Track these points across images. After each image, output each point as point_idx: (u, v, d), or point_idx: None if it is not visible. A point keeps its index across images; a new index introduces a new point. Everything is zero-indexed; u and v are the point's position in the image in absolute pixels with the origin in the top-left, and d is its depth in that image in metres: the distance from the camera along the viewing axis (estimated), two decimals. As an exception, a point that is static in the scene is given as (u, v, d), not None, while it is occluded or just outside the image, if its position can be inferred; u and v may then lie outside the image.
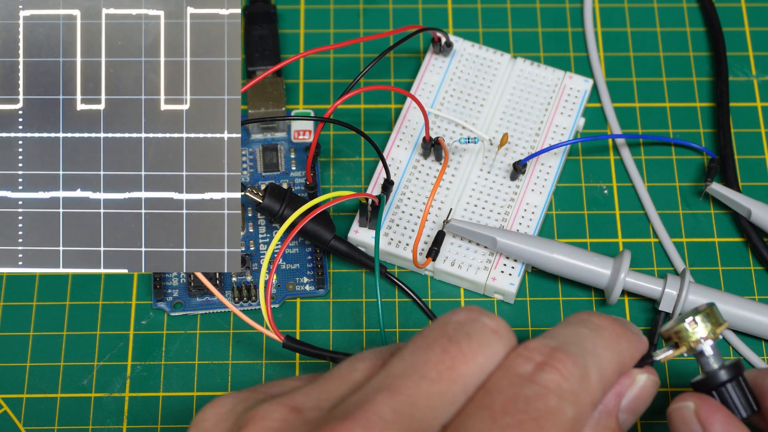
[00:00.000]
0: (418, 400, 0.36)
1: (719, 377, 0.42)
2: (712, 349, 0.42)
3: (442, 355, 0.37)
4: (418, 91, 0.55)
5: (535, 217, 0.52)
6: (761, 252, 0.53)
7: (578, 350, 0.38)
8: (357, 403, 0.36)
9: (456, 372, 0.37)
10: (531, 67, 0.56)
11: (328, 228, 0.51)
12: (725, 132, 0.56)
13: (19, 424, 0.49)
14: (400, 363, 0.37)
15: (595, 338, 0.39)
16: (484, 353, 0.37)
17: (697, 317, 0.42)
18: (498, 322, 0.38)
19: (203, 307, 0.51)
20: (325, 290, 0.52)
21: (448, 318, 0.38)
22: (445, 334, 0.38)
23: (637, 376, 0.40)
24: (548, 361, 0.37)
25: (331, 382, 0.38)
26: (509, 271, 0.51)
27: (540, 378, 0.37)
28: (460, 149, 0.54)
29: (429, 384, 0.36)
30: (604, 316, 0.40)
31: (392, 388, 0.36)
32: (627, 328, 0.40)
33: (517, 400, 0.36)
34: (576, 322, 0.40)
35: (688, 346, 0.42)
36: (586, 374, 0.38)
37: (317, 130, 0.50)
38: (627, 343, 0.40)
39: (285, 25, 0.59)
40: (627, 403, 0.40)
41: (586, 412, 0.38)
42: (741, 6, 0.60)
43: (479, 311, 0.38)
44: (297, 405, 0.37)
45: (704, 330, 0.42)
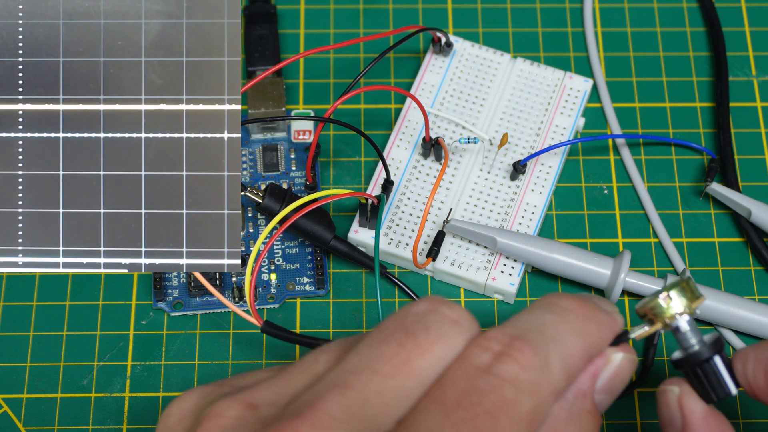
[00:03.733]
0: (370, 397, 0.35)
1: (699, 356, 0.40)
2: (689, 324, 0.40)
3: (397, 349, 0.36)
4: (418, 91, 0.55)
5: (535, 217, 0.52)
6: (761, 252, 0.53)
7: (539, 338, 0.37)
8: (308, 401, 0.35)
9: (411, 366, 0.36)
10: (531, 67, 0.56)
11: (328, 228, 0.51)
12: (725, 132, 0.56)
13: (19, 424, 0.49)
14: (355, 358, 0.36)
15: (560, 323, 0.38)
16: (442, 345, 0.36)
17: (671, 292, 0.40)
18: (459, 312, 0.37)
19: (203, 307, 0.51)
20: (325, 290, 0.52)
21: (407, 310, 0.37)
22: (402, 327, 0.36)
23: (612, 355, 0.39)
24: (506, 351, 0.36)
25: (293, 376, 0.37)
26: (509, 271, 0.51)
27: (496, 369, 0.35)
28: (460, 149, 0.54)
29: (382, 379, 0.35)
30: (572, 297, 0.39)
31: (344, 384, 0.35)
32: (597, 309, 0.39)
33: (471, 393, 0.35)
34: (541, 307, 0.38)
35: (663, 322, 0.40)
36: (547, 363, 0.36)
37: (317, 131, 0.50)
38: (597, 326, 0.38)
39: (285, 25, 0.59)
40: (603, 383, 0.39)
41: (547, 403, 0.36)
42: (741, 6, 0.60)
43: (440, 301, 0.37)
44: (253, 401, 0.36)
45: (680, 305, 0.40)
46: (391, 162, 0.54)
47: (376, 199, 0.50)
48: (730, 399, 0.49)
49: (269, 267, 0.52)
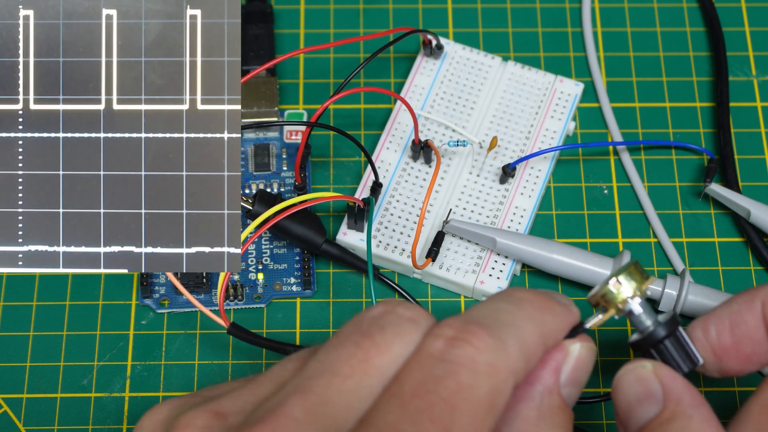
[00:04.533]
0: (330, 398, 0.35)
1: (657, 334, 0.40)
2: (641, 306, 0.40)
3: (354, 350, 0.36)
4: (409, 94, 0.55)
5: (524, 221, 0.52)
6: (761, 252, 0.53)
7: (494, 322, 0.36)
8: (271, 408, 0.35)
9: (369, 365, 0.36)
10: (522, 70, 0.56)
11: (318, 232, 0.51)
12: (725, 132, 0.56)
13: (19, 424, 0.49)
14: (315, 363, 0.36)
15: (515, 311, 0.37)
16: (399, 342, 0.36)
17: (620, 277, 0.40)
18: (415, 311, 0.37)
19: (190, 305, 0.51)
20: (312, 291, 0.52)
21: (363, 315, 0.37)
22: (358, 330, 0.37)
23: (570, 347, 0.39)
24: (460, 336, 0.36)
25: (261, 384, 0.37)
26: (497, 275, 0.51)
27: (451, 354, 0.35)
28: (450, 152, 0.54)
29: (341, 380, 0.35)
30: (528, 290, 0.39)
31: (304, 388, 0.35)
32: (553, 301, 0.39)
33: (426, 381, 0.35)
34: (496, 298, 0.38)
35: (616, 308, 0.40)
36: (503, 344, 0.36)
37: (305, 133, 0.50)
38: (551, 315, 0.38)
39: (284, 25, 0.59)
40: (566, 376, 0.39)
41: (506, 386, 0.36)
42: (741, 6, 0.60)
43: (395, 303, 0.37)
44: (222, 410, 0.37)
45: (629, 288, 0.40)
46: (380, 164, 0.54)
47: (362, 202, 0.50)
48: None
49: (257, 267, 0.52)
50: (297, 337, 0.51)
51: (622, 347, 0.51)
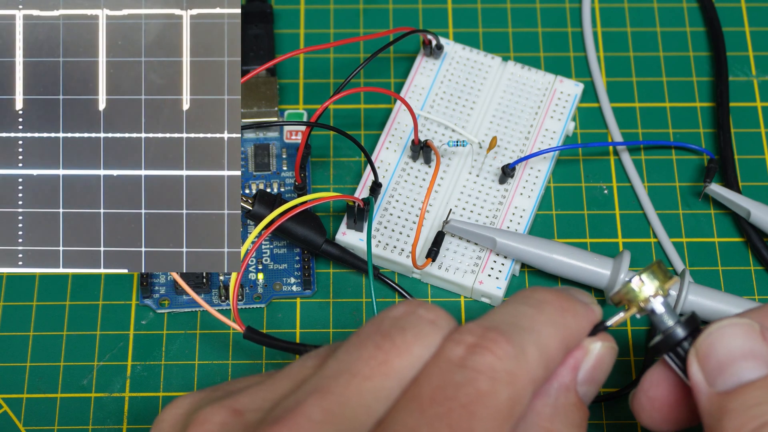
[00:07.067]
0: (349, 399, 0.35)
1: (676, 335, 0.40)
2: (663, 306, 0.40)
3: (374, 351, 0.36)
4: (408, 94, 0.55)
5: (523, 221, 0.52)
6: (761, 252, 0.53)
7: (514, 328, 0.36)
8: (289, 407, 0.35)
9: (389, 366, 0.36)
10: (522, 70, 0.56)
11: (318, 233, 0.51)
12: (725, 132, 0.56)
13: (19, 424, 0.49)
14: (334, 363, 0.36)
15: (535, 315, 0.37)
16: (419, 344, 0.36)
17: (643, 275, 0.40)
18: (436, 313, 0.37)
19: (190, 305, 0.51)
20: (312, 291, 0.52)
21: (384, 314, 0.37)
22: (379, 330, 0.36)
23: (590, 345, 0.39)
24: (480, 343, 0.36)
25: (280, 381, 0.37)
26: (496, 275, 0.51)
27: (471, 361, 0.35)
28: (449, 152, 0.54)
29: (360, 381, 0.35)
30: (548, 290, 0.39)
31: (323, 388, 0.35)
32: (574, 301, 0.39)
33: (445, 387, 0.35)
34: (516, 300, 0.38)
35: (638, 307, 0.40)
36: (523, 351, 0.36)
37: (305, 133, 0.50)
38: (573, 317, 0.38)
39: (284, 25, 0.59)
40: (584, 374, 0.39)
41: (525, 393, 0.36)
42: (741, 6, 0.60)
43: (417, 304, 0.37)
44: (239, 407, 0.37)
45: (652, 287, 0.40)
46: (380, 164, 0.54)
47: (362, 202, 0.50)
48: None
49: (257, 267, 0.52)
50: (297, 337, 0.51)
51: (623, 349, 0.51)
